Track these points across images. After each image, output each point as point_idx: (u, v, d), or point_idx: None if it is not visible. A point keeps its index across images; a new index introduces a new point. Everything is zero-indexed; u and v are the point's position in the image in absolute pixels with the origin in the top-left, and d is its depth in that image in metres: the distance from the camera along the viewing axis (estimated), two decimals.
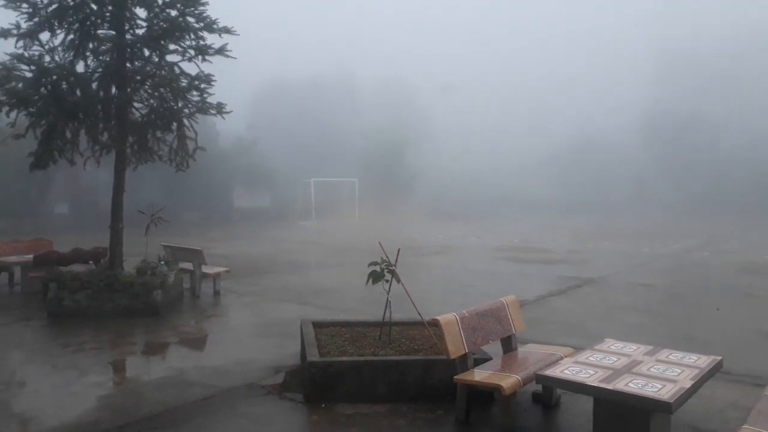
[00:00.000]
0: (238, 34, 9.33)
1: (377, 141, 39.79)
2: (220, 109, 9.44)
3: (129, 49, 9.14)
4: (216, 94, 9.54)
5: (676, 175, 38.84)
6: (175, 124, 9.57)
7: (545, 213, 35.54)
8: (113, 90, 9.22)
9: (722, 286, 11.46)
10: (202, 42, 9.21)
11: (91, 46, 9.04)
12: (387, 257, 5.84)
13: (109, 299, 8.52)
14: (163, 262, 9.53)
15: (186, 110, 9.43)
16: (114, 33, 9.11)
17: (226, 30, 9.25)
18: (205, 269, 10.37)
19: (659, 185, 39.19)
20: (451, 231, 24.98)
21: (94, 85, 9.01)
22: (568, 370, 4.25)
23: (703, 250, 17.77)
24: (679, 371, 4.21)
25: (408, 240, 20.53)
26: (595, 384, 3.96)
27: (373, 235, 8.64)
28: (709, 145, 38.61)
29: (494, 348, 5.55)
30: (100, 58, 9.16)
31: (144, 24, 9.13)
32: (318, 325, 6.46)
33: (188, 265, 10.51)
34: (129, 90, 9.09)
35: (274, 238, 22.23)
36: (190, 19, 9.05)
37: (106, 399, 5.32)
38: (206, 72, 9.30)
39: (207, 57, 9.27)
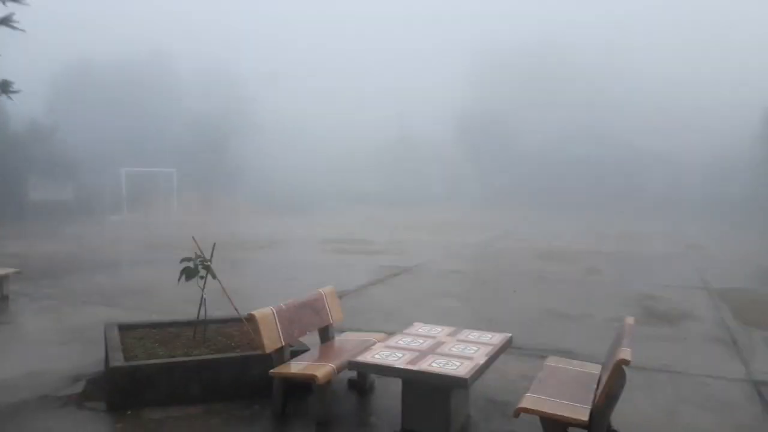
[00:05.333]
0: (28, 4, 8.26)
1: (199, 130, 37.89)
2: (5, 87, 8.28)
3: None
4: (1, 71, 8.35)
5: (485, 170, 42.55)
6: None
7: (370, 206, 36.75)
8: None
9: (520, 270, 12.82)
10: None
11: None
12: (201, 252, 5.61)
13: None
14: None
15: None
16: None
17: None
18: None
19: (470, 180, 42.64)
20: (278, 225, 24.75)
21: None
22: (378, 354, 4.45)
23: (505, 239, 19.75)
24: (476, 349, 4.63)
25: (232, 234, 19.92)
26: (402, 366, 4.20)
27: (193, 230, 8.21)
28: (514, 142, 42.91)
29: (315, 339, 5.62)
30: None
31: None
32: (125, 328, 6.00)
33: None
34: None
35: (78, 234, 20.13)
36: None
37: None
38: None
39: None
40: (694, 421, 4.77)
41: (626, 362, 3.68)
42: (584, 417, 3.75)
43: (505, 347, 4.98)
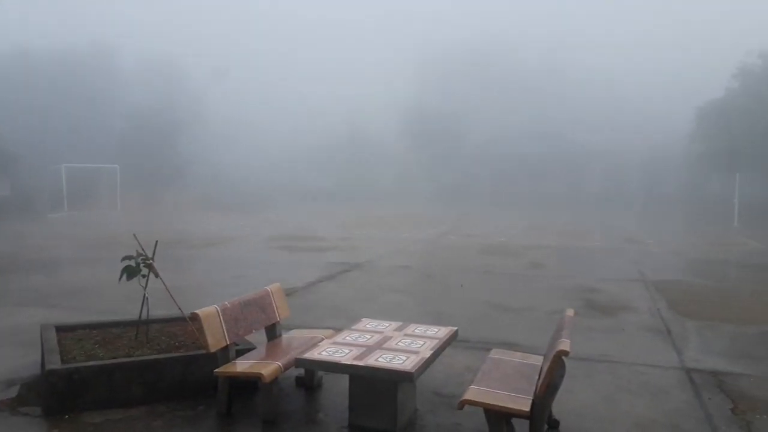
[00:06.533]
0: None
1: (142, 125, 36.82)
2: None
3: None
4: None
5: (432, 167, 43.09)
6: None
7: (320, 202, 36.61)
8: None
9: (466, 265, 13.04)
10: None
11: None
12: (143, 250, 5.47)
13: None
14: None
15: None
16: None
17: None
18: None
19: (418, 177, 43.08)
20: (226, 222, 24.34)
21: None
22: (325, 351, 4.45)
23: (452, 235, 20.03)
24: (422, 343, 4.69)
25: (179, 232, 19.48)
26: (349, 362, 4.21)
27: (136, 228, 7.93)
28: (459, 140, 43.62)
29: (262, 337, 5.56)
30: None
31: None
32: (63, 329, 5.80)
33: None
34: None
35: (14, 232, 19.27)
36: None
37: None
38: None
39: None
40: (631, 407, 4.97)
41: (565, 353, 3.79)
42: (526, 407, 3.85)
43: (451, 340, 5.06)
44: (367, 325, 5.24)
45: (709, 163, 31.49)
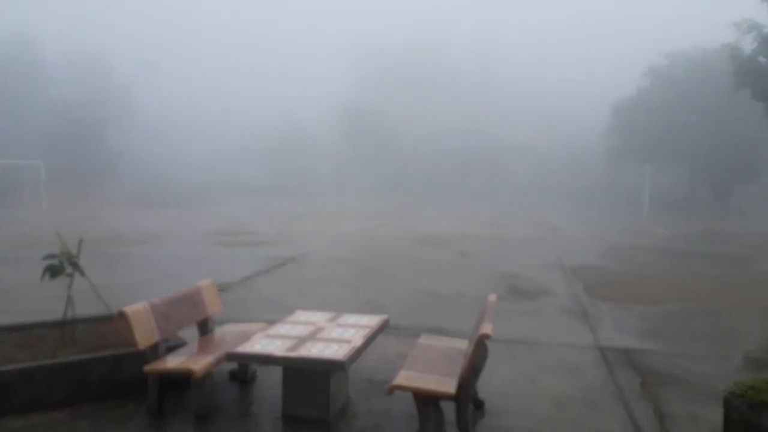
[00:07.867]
0: None
1: (68, 120, 35.11)
2: None
3: None
4: None
5: (369, 161, 43.40)
6: None
7: (256, 197, 36.10)
8: None
9: (399, 255, 13.31)
10: None
11: None
12: (67, 248, 5.35)
13: None
14: None
15: None
16: None
17: None
18: None
19: (355, 171, 43.28)
20: (159, 218, 23.59)
21: None
22: (258, 344, 4.52)
23: (387, 226, 20.32)
24: (354, 332, 4.83)
25: (109, 229, 18.75)
26: (281, 354, 4.30)
27: (62, 226, 7.59)
28: (394, 136, 44.16)
29: (195, 333, 5.54)
30: None
31: None
32: None
33: None
34: None
35: None
36: None
37: None
38: None
39: None
40: (551, 385, 5.31)
41: (488, 336, 4.02)
42: (451, 390, 4.05)
43: (383, 329, 5.22)
44: (301, 317, 5.33)
45: (623, 157, 33.20)
